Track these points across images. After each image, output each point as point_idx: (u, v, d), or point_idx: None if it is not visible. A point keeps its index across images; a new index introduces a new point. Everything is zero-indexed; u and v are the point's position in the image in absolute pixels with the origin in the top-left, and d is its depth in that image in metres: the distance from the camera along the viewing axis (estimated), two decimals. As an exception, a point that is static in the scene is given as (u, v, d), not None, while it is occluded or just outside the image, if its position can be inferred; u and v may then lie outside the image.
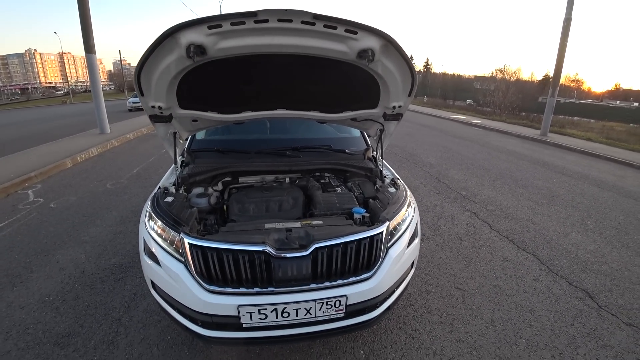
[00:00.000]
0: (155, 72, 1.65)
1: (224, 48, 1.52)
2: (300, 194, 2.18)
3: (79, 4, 9.01)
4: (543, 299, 2.57)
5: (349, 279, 1.60)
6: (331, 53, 1.59)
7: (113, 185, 5.36)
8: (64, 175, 6.10)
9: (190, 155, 2.57)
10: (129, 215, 4.03)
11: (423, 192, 5.00)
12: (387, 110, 2.10)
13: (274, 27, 1.43)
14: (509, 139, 11.05)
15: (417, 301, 2.49)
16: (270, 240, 1.55)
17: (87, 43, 9.16)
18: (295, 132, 3.05)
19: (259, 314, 1.49)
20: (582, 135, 11.49)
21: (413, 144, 9.04)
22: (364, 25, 1.45)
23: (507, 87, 23.43)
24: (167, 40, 1.47)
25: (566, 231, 3.81)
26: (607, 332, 2.26)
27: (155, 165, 6.52)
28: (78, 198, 4.74)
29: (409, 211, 1.98)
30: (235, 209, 2.01)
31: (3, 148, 8.49)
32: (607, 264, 3.13)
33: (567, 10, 10.05)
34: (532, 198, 4.91)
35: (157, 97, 1.81)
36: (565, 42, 10.29)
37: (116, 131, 10.57)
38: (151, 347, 2.01)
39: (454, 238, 3.53)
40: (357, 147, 2.80)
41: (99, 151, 8.01)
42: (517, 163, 7.25)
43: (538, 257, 3.20)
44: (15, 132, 13.10)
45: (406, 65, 1.69)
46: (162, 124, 2.08)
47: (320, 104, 2.13)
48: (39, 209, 4.37)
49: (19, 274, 2.83)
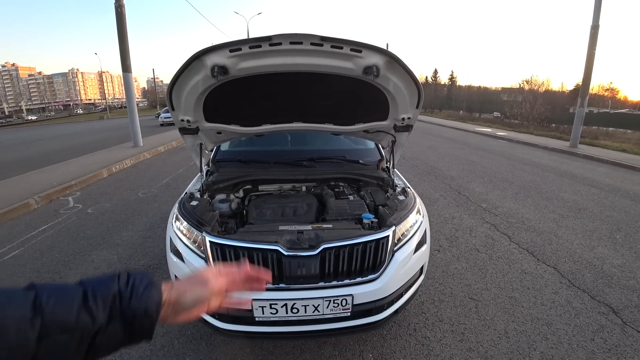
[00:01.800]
0: (185, 89, 1.87)
1: (244, 68, 1.72)
2: (314, 200, 2.31)
3: (118, 28, 9.80)
4: (562, 313, 2.52)
5: (356, 279, 1.69)
6: (339, 70, 1.74)
7: (144, 194, 5.71)
8: (100, 184, 6.58)
9: (215, 164, 2.77)
10: (157, 221, 4.30)
11: (442, 205, 4.98)
12: (397, 121, 2.21)
13: (287, 49, 1.61)
14: (536, 151, 10.73)
15: (429, 309, 2.51)
16: (283, 240, 1.68)
17: (124, 63, 9.89)
18: (313, 144, 3.22)
19: (271, 308, 1.61)
20: (616, 147, 10.95)
21: (435, 157, 8.98)
22: (367, 44, 1.60)
23: (535, 98, 22.78)
24: (195, 63, 1.69)
25: (592, 245, 3.68)
26: (630, 349, 2.18)
27: (184, 176, 6.87)
28: (112, 205, 5.11)
29: (417, 217, 2.05)
30: (254, 213, 2.16)
31: (48, 159, 9.23)
32: (635, 279, 3.01)
33: (594, 18, 9.79)
34: (556, 211, 4.77)
35: (186, 111, 2.03)
36: (593, 51, 9.99)
37: (148, 144, 11.22)
38: (172, 340, 2.17)
39: (471, 249, 3.51)
40: (371, 158, 2.90)
41: (132, 162, 8.54)
42: (543, 175, 7.04)
43: (559, 270, 3.13)
44: (58, 144, 14.20)
45: (411, 79, 1.81)
46: (190, 136, 2.31)
47: (333, 117, 2.28)
48: (77, 214, 4.76)
49: (58, 270, 3.13)
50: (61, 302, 0.48)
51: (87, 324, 0.48)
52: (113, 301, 0.51)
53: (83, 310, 0.48)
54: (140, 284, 0.55)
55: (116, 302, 0.51)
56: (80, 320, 0.48)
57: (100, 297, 0.50)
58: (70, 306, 0.48)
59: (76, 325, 0.47)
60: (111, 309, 0.51)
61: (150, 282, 0.56)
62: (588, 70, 10.22)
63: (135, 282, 0.55)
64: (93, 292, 0.50)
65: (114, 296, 0.51)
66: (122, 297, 0.52)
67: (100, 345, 0.50)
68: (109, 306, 0.51)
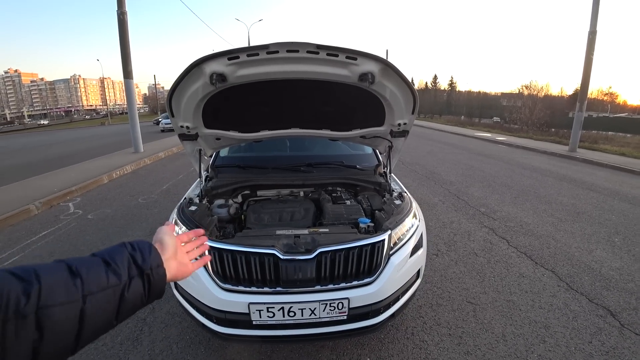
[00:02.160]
0: (184, 96, 1.90)
1: (241, 75, 1.75)
2: (311, 205, 2.33)
3: (120, 35, 9.91)
4: (559, 316, 2.52)
5: (352, 282, 1.71)
6: (335, 77, 1.78)
7: (144, 199, 5.74)
8: (101, 189, 6.61)
9: (214, 170, 2.80)
10: (157, 226, 4.27)
11: (441, 209, 5.00)
12: (393, 127, 2.24)
13: (284, 57, 1.65)
14: (535, 155, 10.76)
15: (427, 313, 2.52)
16: (279, 244, 1.70)
17: (126, 69, 9.99)
18: (311, 150, 3.26)
19: (267, 312, 1.63)
20: (615, 151, 10.98)
21: (434, 162, 9.01)
22: (362, 52, 1.64)
23: (534, 103, 22.88)
24: (194, 70, 1.72)
25: (590, 248, 3.69)
26: (628, 351, 2.19)
27: (184, 182, 6.90)
28: (113, 210, 5.13)
29: (413, 221, 2.07)
30: (252, 218, 2.19)
31: (49, 165, 9.28)
32: (633, 281, 3.02)
33: (591, 24, 9.89)
34: (555, 214, 4.79)
35: (185, 118, 2.07)
36: (591, 56, 10.08)
37: (149, 150, 11.27)
38: (171, 345, 2.18)
39: (469, 253, 3.52)
40: (368, 163, 2.93)
41: (132, 168, 8.59)
42: (542, 180, 7.06)
43: (557, 273, 3.14)
44: (59, 150, 14.26)
45: (406, 86, 1.84)
46: (190, 142, 2.34)
47: (330, 123, 2.31)
48: (78, 219, 4.78)
49: (59, 277, 3.12)
50: (90, 267, 0.57)
51: (116, 283, 0.58)
52: (129, 263, 0.62)
53: (110, 272, 0.58)
54: (144, 248, 0.66)
55: (131, 264, 0.62)
56: (110, 280, 0.57)
57: (119, 260, 0.61)
58: (99, 270, 0.57)
59: (108, 284, 0.57)
60: (129, 269, 0.61)
61: (150, 245, 0.68)
62: (586, 75, 10.30)
63: (140, 247, 0.66)
64: (111, 257, 0.60)
65: (128, 259, 0.62)
66: (135, 259, 0.63)
67: (128, 301, 0.59)
68: (127, 267, 0.61)
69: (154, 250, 0.67)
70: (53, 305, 0.49)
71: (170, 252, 0.72)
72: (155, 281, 0.64)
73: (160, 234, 0.75)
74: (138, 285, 0.61)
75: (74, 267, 0.55)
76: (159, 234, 0.75)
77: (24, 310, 0.46)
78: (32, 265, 0.52)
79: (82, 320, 0.53)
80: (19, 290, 0.47)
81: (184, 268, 0.74)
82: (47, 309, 0.49)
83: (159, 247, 0.70)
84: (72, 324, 0.52)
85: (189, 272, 0.76)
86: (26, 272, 0.50)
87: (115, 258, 0.61)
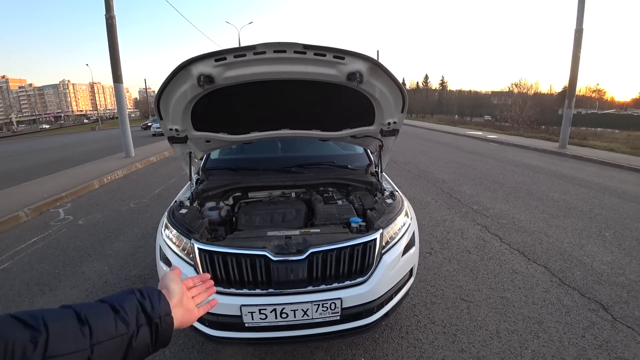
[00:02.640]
0: (172, 99, 1.88)
1: (229, 77, 1.74)
2: (303, 206, 2.32)
3: (109, 39, 9.80)
4: (552, 311, 2.54)
5: (344, 282, 1.70)
6: (323, 77, 1.77)
7: (136, 204, 5.68)
8: (91, 195, 6.52)
9: (204, 172, 2.78)
10: (149, 231, 4.27)
11: (434, 208, 5.02)
12: (383, 126, 2.24)
13: (271, 57, 1.64)
14: (526, 152, 10.88)
15: (421, 312, 2.52)
16: (271, 245, 1.69)
17: (116, 74, 9.88)
18: (303, 150, 3.25)
19: (260, 313, 1.61)
20: (604, 146, 11.16)
21: (427, 161, 9.06)
22: (350, 51, 1.63)
23: (524, 100, 23.15)
24: (182, 72, 1.71)
25: (581, 243, 3.73)
26: (621, 344, 2.21)
27: (176, 186, 6.83)
28: (104, 216, 5.06)
29: (404, 220, 2.07)
30: (243, 220, 2.17)
31: (39, 171, 9.13)
32: (624, 275, 3.05)
33: (577, 22, 10.05)
34: (546, 211, 4.84)
35: (174, 120, 2.04)
36: (578, 54, 10.24)
37: (140, 155, 11.16)
38: (164, 350, 2.15)
39: (463, 251, 3.53)
40: (360, 163, 2.93)
41: (124, 173, 8.49)
42: (533, 176, 7.14)
43: (550, 269, 3.16)
44: (49, 156, 14.06)
45: (394, 84, 1.84)
46: (179, 145, 2.32)
47: (320, 123, 2.31)
48: (68, 225, 4.71)
49: (48, 282, 3.09)
50: (99, 315, 0.56)
51: (124, 331, 0.57)
52: (137, 311, 0.61)
53: (118, 320, 0.57)
54: (154, 295, 0.65)
55: (140, 312, 0.61)
56: (119, 328, 0.57)
57: (128, 308, 0.60)
58: (107, 318, 0.57)
59: (117, 333, 0.56)
60: (137, 317, 0.60)
61: (160, 293, 0.67)
62: (574, 72, 10.46)
63: (149, 294, 0.65)
64: (119, 305, 0.60)
65: (137, 307, 0.61)
66: (145, 307, 0.62)
67: (135, 350, 0.59)
68: (135, 315, 0.60)
69: (162, 299, 0.66)
70: (61, 355, 0.49)
71: (177, 299, 0.69)
72: (163, 330, 0.63)
73: (166, 280, 0.73)
74: (146, 333, 0.60)
75: (83, 315, 0.54)
76: (165, 280, 0.73)
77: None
78: (39, 311, 0.51)
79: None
80: (26, 339, 0.46)
81: (190, 315, 0.72)
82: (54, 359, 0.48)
83: (166, 294, 0.68)
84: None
85: (194, 318, 0.73)
86: (34, 319, 0.49)
87: (124, 305, 0.60)
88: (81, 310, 0.55)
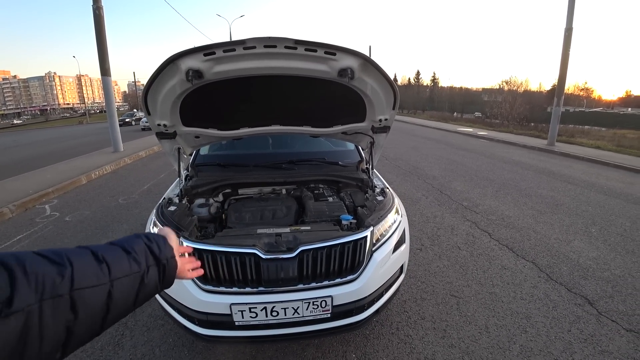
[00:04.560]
0: (160, 94, 1.83)
1: (218, 72, 1.70)
2: (293, 203, 2.30)
3: (96, 31, 9.57)
4: (540, 306, 2.59)
5: (335, 280, 1.69)
6: (314, 73, 1.75)
7: (125, 200, 5.58)
8: (79, 191, 6.39)
9: (194, 169, 2.73)
10: (138, 227, 4.21)
11: (424, 204, 5.05)
12: (375, 123, 2.23)
13: (261, 52, 1.61)
14: (515, 149, 11.02)
15: (411, 308, 2.54)
16: (260, 243, 1.67)
17: (103, 66, 9.67)
18: (293, 147, 3.21)
19: (250, 312, 1.59)
20: (591, 144, 11.36)
21: (417, 157, 9.10)
22: (341, 47, 1.61)
23: (514, 98, 23.43)
24: (170, 67, 1.66)
25: (568, 239, 3.80)
26: (605, 338, 2.26)
27: (166, 182, 6.74)
28: (92, 212, 4.97)
29: (395, 217, 2.07)
30: (233, 217, 2.14)
31: (23, 166, 8.91)
32: (609, 270, 3.12)
33: (567, 20, 10.16)
34: (535, 207, 4.91)
35: (162, 116, 2.00)
36: (567, 52, 10.37)
37: (129, 149, 10.98)
38: (154, 348, 2.13)
39: (453, 247, 3.57)
40: (351, 160, 2.92)
41: (112, 168, 8.34)
42: (522, 173, 7.24)
43: (537, 264, 3.21)
44: (34, 151, 13.72)
45: (385, 81, 1.83)
46: (168, 141, 2.27)
47: (311, 120, 2.28)
48: (55, 222, 4.60)
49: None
50: (114, 255, 0.62)
51: (137, 270, 0.64)
52: (146, 253, 0.67)
53: (131, 260, 0.64)
54: (160, 240, 0.73)
55: (149, 254, 0.68)
56: (132, 267, 0.63)
57: (138, 250, 0.66)
58: (121, 257, 0.62)
59: (131, 271, 0.62)
60: (146, 258, 0.67)
61: (164, 238, 0.75)
62: (563, 70, 10.59)
63: (156, 239, 0.72)
64: (130, 247, 0.66)
65: (145, 249, 0.68)
66: (152, 250, 0.69)
67: (146, 288, 0.65)
68: (144, 256, 0.67)
69: (167, 243, 0.74)
70: (86, 287, 0.53)
71: (175, 249, 0.77)
72: (169, 270, 0.71)
73: (165, 232, 0.80)
74: (154, 273, 0.68)
75: (100, 254, 0.59)
76: (164, 232, 0.80)
77: (59, 290, 0.49)
78: (61, 249, 0.55)
79: (110, 302, 0.57)
80: (54, 273, 0.50)
81: (183, 269, 0.79)
82: (80, 291, 0.52)
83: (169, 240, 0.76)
84: (101, 306, 0.56)
85: (186, 275, 0.82)
86: (58, 256, 0.53)
87: (134, 247, 0.66)
88: (97, 250, 0.60)
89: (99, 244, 0.63)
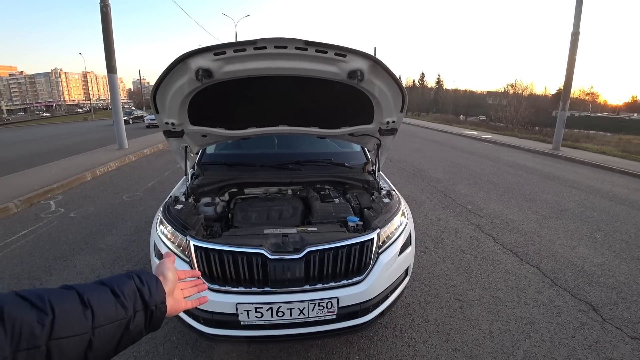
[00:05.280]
0: (169, 92, 1.84)
1: (228, 71, 1.71)
2: (299, 203, 2.31)
3: (103, 28, 9.63)
4: (544, 311, 2.57)
5: (340, 281, 1.70)
6: (324, 74, 1.75)
7: (129, 197, 5.61)
8: (83, 187, 6.42)
9: (200, 167, 2.74)
10: (143, 225, 4.23)
11: (428, 207, 5.04)
12: (382, 125, 2.23)
13: (272, 53, 1.61)
14: (520, 153, 10.97)
15: (415, 311, 2.54)
16: (267, 243, 1.67)
17: (110, 64, 9.72)
18: (299, 147, 3.22)
19: (256, 312, 1.60)
20: (596, 149, 11.30)
21: (422, 160, 9.09)
22: (352, 48, 1.61)
23: (519, 101, 23.35)
24: (179, 65, 1.67)
25: (573, 244, 3.78)
26: (610, 345, 2.25)
27: (170, 179, 6.77)
28: (96, 208, 5.00)
29: (401, 220, 2.07)
30: (239, 216, 2.15)
31: (29, 161, 8.97)
32: (614, 277, 3.10)
33: (574, 25, 10.11)
34: (539, 212, 4.89)
35: (170, 114, 2.01)
36: (574, 56, 10.31)
37: (134, 146, 11.03)
38: (157, 346, 2.14)
39: (457, 251, 3.56)
40: (357, 161, 2.92)
41: (117, 165, 8.38)
42: (527, 177, 7.20)
43: (542, 270, 3.20)
44: (40, 147, 13.80)
45: (395, 84, 1.83)
46: (175, 139, 2.28)
47: (319, 121, 2.29)
48: (59, 218, 4.63)
49: (39, 276, 3.03)
50: (101, 298, 0.58)
51: (123, 316, 0.59)
52: (135, 297, 0.63)
53: (118, 305, 0.59)
54: (152, 282, 0.67)
55: (138, 298, 0.63)
56: (118, 312, 0.59)
57: (127, 293, 0.61)
58: (108, 301, 0.59)
59: (117, 317, 0.58)
60: (135, 303, 0.62)
61: (157, 280, 0.69)
62: (569, 74, 10.54)
63: (148, 281, 0.66)
64: (120, 289, 0.61)
65: (135, 292, 0.63)
66: (143, 294, 0.64)
67: (130, 334, 0.61)
68: (133, 301, 0.62)
69: (159, 286, 0.68)
70: (65, 337, 0.50)
71: (170, 287, 0.71)
72: (157, 316, 0.66)
73: (163, 268, 0.75)
74: (141, 319, 0.63)
75: (86, 298, 0.56)
76: (162, 267, 0.75)
77: (37, 342, 0.46)
78: (44, 291, 0.52)
79: (89, 352, 0.54)
80: (33, 320, 0.47)
81: (177, 305, 0.73)
82: (58, 341, 0.49)
83: (162, 282, 0.70)
84: (79, 354, 0.52)
85: (181, 309, 0.75)
86: (40, 299, 0.50)
87: (123, 290, 0.62)
88: (84, 292, 0.56)
89: (87, 282, 0.61)
